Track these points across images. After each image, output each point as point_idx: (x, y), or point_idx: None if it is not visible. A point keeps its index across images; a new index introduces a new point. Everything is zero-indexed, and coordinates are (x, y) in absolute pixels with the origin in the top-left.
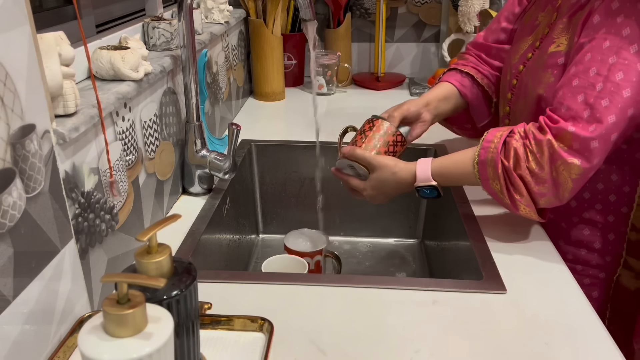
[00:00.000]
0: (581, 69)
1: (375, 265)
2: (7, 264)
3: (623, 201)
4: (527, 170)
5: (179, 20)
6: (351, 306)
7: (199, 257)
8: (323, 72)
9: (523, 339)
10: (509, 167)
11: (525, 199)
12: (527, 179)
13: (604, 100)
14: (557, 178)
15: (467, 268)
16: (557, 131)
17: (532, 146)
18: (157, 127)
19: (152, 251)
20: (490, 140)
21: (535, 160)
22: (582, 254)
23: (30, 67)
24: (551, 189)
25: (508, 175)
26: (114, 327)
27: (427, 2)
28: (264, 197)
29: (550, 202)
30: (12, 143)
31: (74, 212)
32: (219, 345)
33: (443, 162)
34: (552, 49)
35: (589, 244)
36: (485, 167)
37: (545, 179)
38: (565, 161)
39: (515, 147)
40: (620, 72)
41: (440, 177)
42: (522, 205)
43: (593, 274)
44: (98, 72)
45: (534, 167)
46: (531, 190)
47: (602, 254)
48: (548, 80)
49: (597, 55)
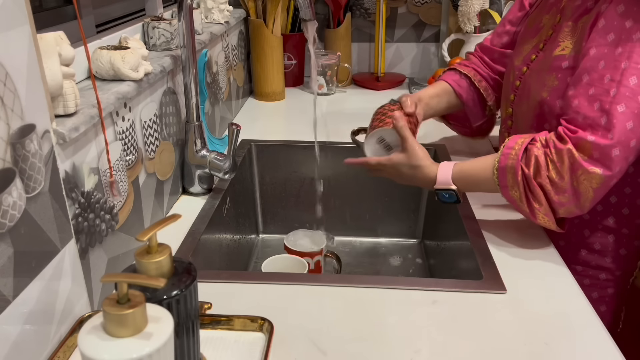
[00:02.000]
0: (596, 77)
1: (375, 266)
2: (7, 264)
3: (624, 203)
4: (547, 179)
5: (179, 20)
6: (351, 306)
7: (199, 257)
8: (323, 72)
9: (523, 339)
10: (529, 175)
11: (544, 208)
12: (547, 188)
13: (619, 106)
14: (577, 187)
15: (467, 268)
16: (577, 141)
17: (552, 155)
18: (157, 127)
19: (152, 251)
20: (511, 147)
21: (556, 169)
22: (582, 255)
23: (30, 67)
24: (571, 199)
25: (528, 183)
26: (114, 327)
27: (427, 2)
28: (264, 197)
29: (571, 212)
30: (12, 143)
31: (74, 212)
32: (219, 345)
33: (463, 167)
34: (557, 52)
35: (589, 246)
36: (505, 173)
37: (565, 189)
38: (587, 170)
39: (536, 154)
40: (633, 77)
41: (460, 182)
42: (541, 214)
43: (593, 275)
44: (98, 72)
45: (554, 176)
46: (551, 200)
47: (602, 255)
48: (552, 84)
49: (610, 62)
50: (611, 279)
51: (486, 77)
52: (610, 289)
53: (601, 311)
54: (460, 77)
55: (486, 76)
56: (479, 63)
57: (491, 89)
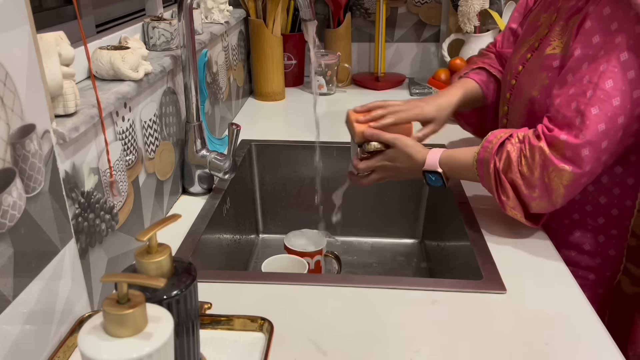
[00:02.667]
0: (577, 77)
1: (375, 265)
2: (7, 264)
3: (613, 203)
4: (518, 174)
5: (179, 20)
6: (351, 306)
7: (199, 257)
8: (323, 72)
9: (523, 339)
10: (499, 168)
11: (512, 201)
12: (518, 182)
13: (593, 108)
14: (549, 184)
15: (467, 268)
16: (551, 139)
17: (526, 151)
18: (157, 127)
19: (152, 251)
20: (490, 141)
21: (527, 164)
22: (572, 255)
23: (30, 67)
24: (543, 194)
25: (498, 175)
26: (114, 327)
27: (427, 2)
28: (264, 197)
29: (543, 207)
30: (12, 143)
31: (74, 212)
32: (219, 345)
33: (452, 154)
34: (549, 51)
35: (579, 246)
36: (482, 165)
37: (535, 184)
38: (557, 167)
39: (508, 150)
40: (610, 80)
41: (446, 167)
42: (509, 207)
43: (583, 275)
44: (98, 72)
45: (525, 171)
46: (521, 194)
47: (592, 255)
48: (543, 83)
49: (591, 63)
50: (600, 279)
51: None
52: (600, 289)
53: None
54: (489, 78)
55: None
56: (497, 63)
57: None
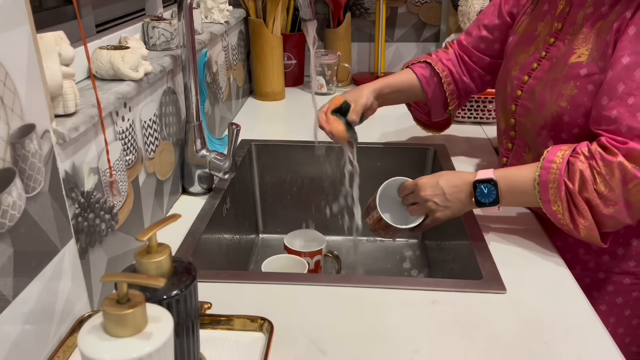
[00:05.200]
0: (634, 86)
1: (375, 265)
2: (7, 264)
3: None
4: (594, 193)
5: (178, 20)
6: (351, 306)
7: (199, 257)
8: (323, 72)
9: (523, 339)
10: (574, 190)
11: (590, 224)
12: (595, 202)
13: None
14: (628, 198)
15: (467, 268)
16: (628, 151)
17: (599, 167)
18: (157, 127)
19: (152, 251)
20: (551, 160)
21: (604, 182)
22: (580, 254)
23: (30, 67)
24: (623, 210)
25: (572, 198)
26: (114, 327)
27: (427, 2)
28: (264, 197)
29: (621, 223)
30: (12, 143)
31: (73, 211)
32: (219, 345)
33: (506, 171)
34: (573, 60)
35: (583, 243)
36: (547, 188)
37: (616, 201)
38: None
39: (580, 169)
40: None
41: (501, 181)
42: (585, 230)
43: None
44: (98, 72)
45: (602, 190)
46: (599, 213)
47: (625, 259)
48: (571, 93)
49: None
50: (636, 283)
51: (457, 80)
52: (635, 292)
53: (625, 315)
54: (432, 75)
55: (457, 79)
56: (455, 61)
57: (457, 93)
